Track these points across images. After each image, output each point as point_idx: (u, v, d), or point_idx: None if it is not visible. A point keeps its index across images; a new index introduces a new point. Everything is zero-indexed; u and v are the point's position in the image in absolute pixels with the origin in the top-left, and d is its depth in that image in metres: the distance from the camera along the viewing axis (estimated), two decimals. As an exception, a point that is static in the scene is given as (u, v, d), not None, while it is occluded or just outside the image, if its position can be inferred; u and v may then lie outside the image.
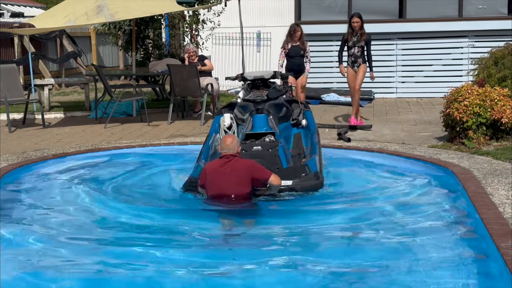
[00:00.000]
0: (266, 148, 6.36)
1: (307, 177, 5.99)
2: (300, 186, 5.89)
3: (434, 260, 4.45)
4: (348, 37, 9.84)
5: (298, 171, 6.07)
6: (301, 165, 6.24)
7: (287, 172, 6.03)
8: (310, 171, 6.06)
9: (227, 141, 5.78)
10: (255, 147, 6.40)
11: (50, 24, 11.42)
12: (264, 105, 6.89)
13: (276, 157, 6.24)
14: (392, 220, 5.43)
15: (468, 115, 8.00)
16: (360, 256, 4.55)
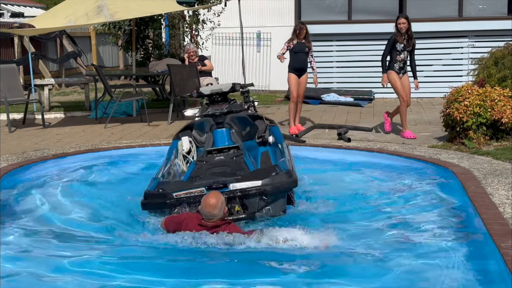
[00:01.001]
0: (230, 157, 5.92)
1: (278, 175, 5.32)
2: (271, 186, 5.20)
3: (434, 260, 4.45)
4: (399, 39, 8.95)
5: (267, 171, 5.45)
6: (270, 166, 5.65)
7: (254, 173, 5.45)
8: (281, 170, 5.40)
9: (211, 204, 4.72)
10: (218, 158, 5.94)
11: (50, 24, 11.42)
12: (225, 119, 6.33)
13: (241, 163, 5.75)
14: (392, 220, 5.43)
15: (468, 115, 8.00)
16: (356, 255, 4.54)
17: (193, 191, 5.24)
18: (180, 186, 5.36)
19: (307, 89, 13.35)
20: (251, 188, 5.20)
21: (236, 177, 5.31)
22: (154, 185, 5.49)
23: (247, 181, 5.23)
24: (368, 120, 10.76)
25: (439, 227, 5.17)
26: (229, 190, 5.18)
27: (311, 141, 8.72)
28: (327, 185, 6.71)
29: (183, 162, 6.21)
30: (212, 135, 6.32)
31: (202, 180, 5.34)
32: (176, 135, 6.68)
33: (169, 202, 5.26)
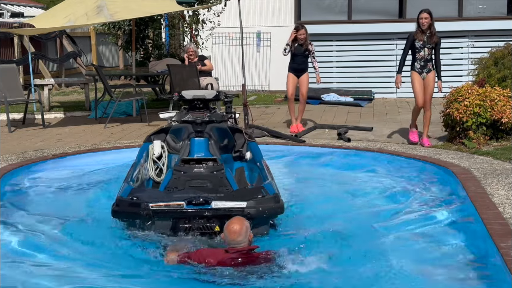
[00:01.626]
0: (210, 171, 5.48)
1: (264, 199, 4.90)
2: (256, 209, 4.78)
3: (434, 260, 4.45)
4: (417, 36, 8.31)
5: (252, 193, 5.03)
6: (256, 187, 5.28)
7: (239, 193, 5.05)
8: (267, 193, 5.00)
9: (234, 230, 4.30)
10: (196, 169, 5.49)
11: (50, 24, 11.42)
12: (205, 128, 5.93)
13: (222, 179, 5.34)
14: (391, 220, 5.43)
15: (468, 115, 8.00)
16: (358, 255, 4.54)
17: (172, 204, 4.81)
18: (157, 196, 4.96)
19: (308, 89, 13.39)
20: (234, 209, 4.77)
21: (219, 195, 4.94)
22: (128, 191, 5.06)
23: (231, 200, 4.84)
24: (368, 120, 10.76)
25: (439, 227, 5.17)
26: (211, 208, 4.79)
27: (311, 141, 8.72)
28: (326, 184, 6.72)
29: (152, 167, 5.87)
30: (189, 144, 5.88)
31: (182, 193, 4.97)
32: (147, 138, 6.27)
33: (144, 213, 4.81)
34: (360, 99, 13.25)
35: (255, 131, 9.19)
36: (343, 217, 5.52)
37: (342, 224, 5.28)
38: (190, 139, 5.90)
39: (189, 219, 4.82)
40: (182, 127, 6.03)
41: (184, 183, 5.26)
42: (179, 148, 5.95)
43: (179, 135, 6.04)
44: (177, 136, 6.05)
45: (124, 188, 5.19)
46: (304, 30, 9.57)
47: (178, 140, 6.02)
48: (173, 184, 5.26)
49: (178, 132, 6.06)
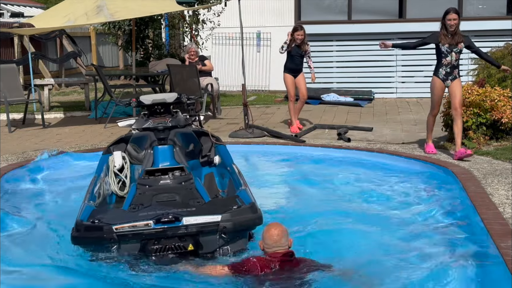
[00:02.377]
0: (178, 182, 5.02)
1: (241, 210, 4.47)
2: (232, 223, 4.35)
3: (434, 260, 4.45)
4: (442, 39, 7.48)
5: (226, 204, 4.58)
6: (230, 197, 4.89)
7: (211, 206, 4.60)
8: (243, 203, 4.58)
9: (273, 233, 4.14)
10: (163, 181, 5.02)
11: (50, 24, 11.42)
12: (169, 134, 5.56)
13: (192, 190, 4.90)
14: (392, 220, 5.43)
15: (468, 115, 8.00)
16: (358, 255, 4.55)
17: (138, 225, 4.31)
18: (121, 216, 4.43)
19: (308, 89, 13.39)
20: (208, 224, 4.34)
21: (190, 209, 4.46)
22: (87, 212, 4.54)
23: (204, 214, 4.39)
24: (368, 120, 10.76)
25: (439, 227, 5.17)
26: (182, 225, 4.31)
27: (311, 141, 8.72)
28: (325, 184, 6.72)
29: (114, 181, 5.49)
30: (152, 153, 5.48)
31: (148, 211, 4.45)
32: (106, 149, 5.83)
33: (107, 236, 4.30)
34: (360, 99, 13.26)
35: (255, 131, 9.20)
36: (341, 217, 5.52)
37: (340, 225, 5.28)
38: (153, 147, 5.49)
39: (158, 239, 4.35)
40: (143, 135, 5.62)
41: (150, 198, 4.76)
42: (142, 158, 5.55)
43: (140, 144, 5.63)
44: (139, 145, 5.64)
45: (83, 209, 4.64)
46: (303, 31, 9.58)
47: (140, 150, 5.62)
48: (138, 201, 4.73)
49: (139, 140, 5.65)
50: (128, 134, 5.89)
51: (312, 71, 9.84)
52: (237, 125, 9.99)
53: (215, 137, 6.02)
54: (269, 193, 6.47)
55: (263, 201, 6.08)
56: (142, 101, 5.78)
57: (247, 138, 8.98)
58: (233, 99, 13.46)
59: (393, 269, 4.32)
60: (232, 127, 9.96)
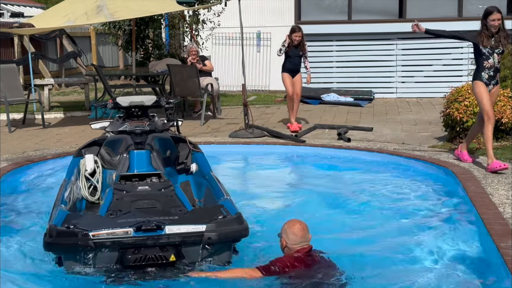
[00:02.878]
0: (157, 188, 4.80)
1: (226, 220, 4.19)
2: (217, 234, 4.07)
3: (434, 260, 4.45)
4: (482, 41, 6.83)
5: (211, 213, 4.29)
6: (214, 206, 4.58)
7: (195, 215, 4.34)
8: (228, 213, 4.30)
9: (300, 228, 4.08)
10: (141, 187, 4.79)
11: (50, 23, 11.42)
12: (146, 138, 5.31)
13: (173, 197, 4.67)
14: (391, 220, 5.43)
15: (468, 115, 8.00)
16: (358, 256, 4.54)
17: (117, 232, 3.99)
18: (99, 223, 4.13)
19: (307, 89, 13.40)
20: (192, 234, 4.05)
21: (172, 218, 4.18)
22: (61, 217, 4.23)
23: (187, 224, 4.10)
24: (368, 120, 10.76)
25: (439, 227, 5.17)
26: (164, 234, 4.02)
27: (311, 141, 8.72)
28: (324, 184, 6.72)
29: (85, 185, 5.26)
30: (128, 157, 5.23)
31: (128, 218, 4.15)
32: (78, 152, 5.60)
33: (84, 244, 3.96)
34: (360, 99, 13.25)
35: (255, 131, 9.20)
36: (340, 218, 5.53)
37: (339, 225, 5.29)
38: (129, 152, 5.24)
39: (138, 248, 4.05)
40: (119, 139, 5.36)
41: (129, 204, 4.49)
42: (116, 163, 5.30)
43: (115, 148, 5.37)
44: (113, 149, 5.39)
45: (56, 213, 4.34)
46: (301, 32, 9.65)
47: (115, 154, 5.36)
48: (115, 207, 4.46)
49: (114, 144, 5.39)
50: (102, 136, 5.62)
51: (308, 71, 9.94)
52: (237, 125, 9.99)
53: (192, 144, 5.80)
54: (267, 193, 6.47)
55: (262, 201, 6.10)
56: (119, 103, 5.56)
57: (247, 138, 8.98)
58: (233, 99, 13.46)
59: (393, 269, 4.33)
60: (232, 127, 9.96)
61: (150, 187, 4.81)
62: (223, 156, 8.31)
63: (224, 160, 8.19)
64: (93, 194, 5.29)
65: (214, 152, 8.46)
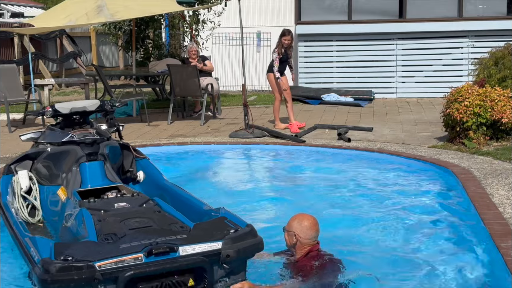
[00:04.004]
0: (137, 204, 4.31)
1: (241, 234, 3.75)
2: (235, 249, 3.66)
3: (434, 260, 4.46)
4: None
5: (219, 228, 3.83)
6: (218, 219, 4.02)
7: (204, 231, 3.81)
8: (236, 226, 3.86)
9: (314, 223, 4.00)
10: (118, 204, 4.28)
11: (50, 24, 11.42)
12: (98, 148, 4.84)
13: (161, 213, 4.17)
14: (390, 220, 5.43)
15: (468, 115, 8.00)
16: (357, 255, 4.55)
17: (126, 259, 3.44)
18: (100, 251, 3.53)
19: (307, 89, 13.41)
20: (209, 253, 3.61)
21: (180, 236, 3.71)
22: (46, 247, 3.59)
23: (200, 242, 3.64)
24: (368, 120, 10.76)
25: (439, 227, 5.18)
26: (179, 257, 3.54)
27: (311, 141, 8.72)
28: (323, 184, 6.72)
29: (23, 206, 4.75)
30: (78, 171, 4.72)
31: (130, 241, 3.63)
32: (7, 168, 5.01)
33: (89, 276, 3.38)
34: (360, 99, 13.25)
35: (255, 131, 9.20)
36: (340, 217, 5.53)
37: (339, 224, 5.29)
38: (80, 164, 4.72)
39: (153, 276, 3.51)
40: (64, 151, 4.83)
41: (119, 225, 3.92)
42: (59, 178, 4.79)
43: (60, 161, 4.83)
44: (57, 163, 4.84)
45: (38, 244, 3.67)
46: (291, 36, 9.74)
47: (58, 168, 4.82)
48: (105, 230, 3.88)
49: (58, 157, 4.85)
50: (36, 149, 5.03)
51: (293, 70, 10.20)
52: (237, 125, 9.99)
53: (137, 150, 5.39)
54: (267, 193, 6.47)
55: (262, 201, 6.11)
56: (58, 110, 5.04)
57: (247, 138, 8.99)
58: (233, 99, 13.46)
59: (392, 269, 4.33)
60: (232, 127, 9.96)
61: (128, 203, 4.29)
62: (223, 156, 8.33)
63: (224, 160, 8.20)
64: (32, 215, 4.79)
65: (214, 152, 8.48)
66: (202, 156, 8.31)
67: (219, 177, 7.41)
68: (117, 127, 5.43)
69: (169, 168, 7.48)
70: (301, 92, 13.17)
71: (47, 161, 4.89)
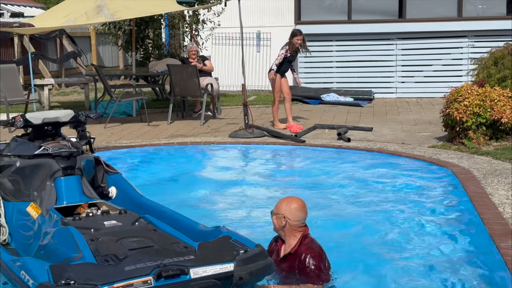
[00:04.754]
0: (130, 222, 3.95)
1: (252, 255, 3.48)
2: (248, 271, 3.40)
3: (434, 260, 4.46)
4: None
5: (227, 248, 3.55)
6: (222, 238, 3.68)
7: (211, 252, 3.52)
8: (243, 245, 3.56)
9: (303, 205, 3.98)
10: (108, 222, 3.91)
11: (50, 23, 11.43)
12: (75, 162, 4.47)
13: (157, 232, 3.80)
14: (391, 220, 5.44)
15: (468, 115, 8.00)
16: (356, 255, 4.55)
17: (134, 283, 3.20)
18: (104, 274, 3.24)
19: (307, 89, 13.41)
20: (222, 276, 3.36)
21: (188, 257, 3.43)
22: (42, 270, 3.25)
23: (210, 263, 3.37)
24: (368, 120, 10.77)
25: (439, 227, 5.18)
26: (191, 280, 3.28)
27: (311, 141, 8.72)
28: (323, 184, 6.72)
29: None
30: (53, 186, 4.36)
31: (135, 263, 3.33)
32: None
33: None
34: (360, 99, 13.26)
35: (255, 131, 9.20)
36: (339, 217, 5.53)
37: (338, 224, 5.29)
38: (55, 179, 4.36)
39: None
40: (36, 164, 4.46)
41: (116, 245, 3.59)
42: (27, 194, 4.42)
43: (31, 176, 4.46)
44: (26, 177, 4.48)
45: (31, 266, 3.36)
46: (302, 36, 9.76)
47: (28, 183, 4.45)
48: (103, 250, 3.52)
49: (28, 171, 4.48)
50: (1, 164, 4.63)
51: (295, 73, 10.32)
52: (237, 125, 10.00)
53: (108, 165, 5.00)
54: (268, 193, 6.47)
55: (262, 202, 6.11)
56: (29, 120, 4.65)
57: (247, 138, 8.99)
58: (233, 99, 13.46)
59: (392, 269, 4.33)
60: (232, 127, 9.96)
61: (119, 221, 3.94)
62: (223, 156, 8.33)
63: (224, 160, 8.20)
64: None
65: (214, 152, 8.48)
66: (201, 156, 8.32)
67: (219, 177, 7.41)
68: (89, 140, 5.10)
69: (167, 168, 7.49)
70: (301, 92, 13.16)
71: (15, 175, 4.51)
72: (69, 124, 4.83)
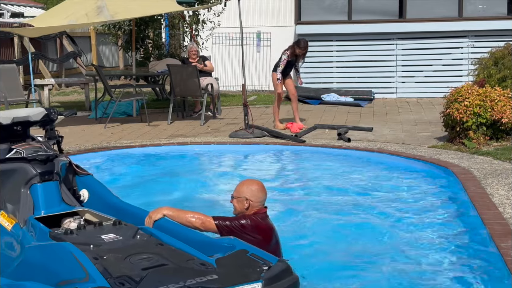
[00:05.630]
0: (129, 235, 3.53)
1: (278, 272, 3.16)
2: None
3: (434, 260, 4.46)
4: None
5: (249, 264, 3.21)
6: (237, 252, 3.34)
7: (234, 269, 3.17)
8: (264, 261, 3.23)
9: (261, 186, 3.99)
10: (106, 236, 3.48)
11: (50, 24, 11.41)
12: (53, 166, 4.07)
13: (164, 246, 3.39)
14: (391, 221, 5.44)
15: (468, 115, 8.00)
16: (356, 255, 4.55)
17: None
18: None
19: (307, 89, 13.40)
20: None
21: (211, 277, 3.06)
22: None
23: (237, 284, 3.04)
24: (368, 120, 10.76)
25: (439, 227, 5.18)
26: None
27: (311, 141, 8.72)
28: (323, 184, 6.72)
29: None
30: (29, 193, 3.95)
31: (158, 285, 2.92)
32: None
33: None
34: (360, 99, 13.25)
35: (255, 131, 9.20)
36: (339, 217, 5.53)
37: (337, 224, 5.29)
38: (31, 186, 3.95)
39: None
40: (8, 169, 4.04)
41: (127, 265, 3.18)
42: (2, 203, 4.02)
43: (1, 183, 4.05)
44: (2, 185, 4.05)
45: None
46: (306, 50, 9.84)
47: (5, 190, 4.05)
48: (112, 270, 3.09)
49: None
50: None
51: (299, 74, 10.34)
52: (237, 125, 9.99)
53: (78, 166, 4.62)
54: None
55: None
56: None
57: (247, 138, 8.99)
58: (233, 99, 13.46)
59: (391, 269, 4.33)
60: (232, 127, 9.96)
61: (117, 234, 3.51)
62: (223, 156, 8.33)
63: (224, 160, 8.20)
64: None
65: (214, 152, 8.48)
66: (201, 155, 8.32)
67: (219, 177, 7.41)
68: (57, 139, 4.77)
69: (165, 168, 7.49)
70: (301, 92, 13.15)
71: None
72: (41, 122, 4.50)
